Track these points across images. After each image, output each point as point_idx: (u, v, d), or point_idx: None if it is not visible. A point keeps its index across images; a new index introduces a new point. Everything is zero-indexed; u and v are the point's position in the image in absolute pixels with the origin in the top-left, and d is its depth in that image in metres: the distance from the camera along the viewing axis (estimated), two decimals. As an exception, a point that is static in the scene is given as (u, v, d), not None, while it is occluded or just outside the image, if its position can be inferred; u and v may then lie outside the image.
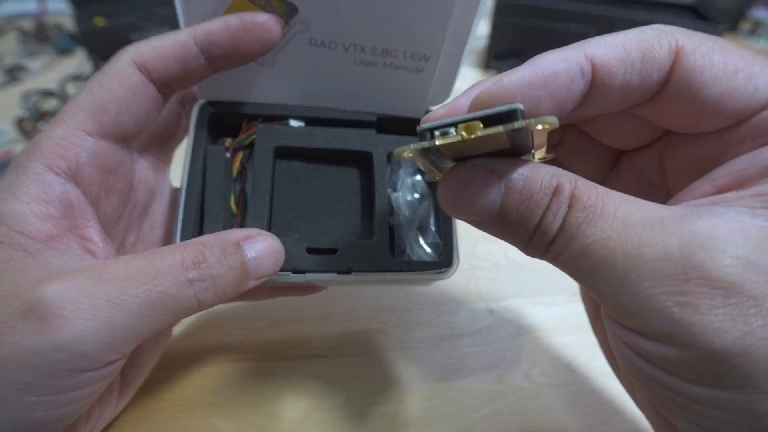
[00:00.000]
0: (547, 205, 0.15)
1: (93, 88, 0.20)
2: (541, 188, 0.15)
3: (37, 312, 0.16)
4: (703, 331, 0.13)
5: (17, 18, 0.67)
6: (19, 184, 0.19)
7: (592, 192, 0.15)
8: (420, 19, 0.21)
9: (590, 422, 0.28)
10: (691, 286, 0.13)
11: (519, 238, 0.16)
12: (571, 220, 0.14)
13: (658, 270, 0.13)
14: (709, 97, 0.15)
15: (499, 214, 0.15)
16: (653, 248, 0.13)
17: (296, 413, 0.27)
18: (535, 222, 0.15)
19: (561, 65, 0.15)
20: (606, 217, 0.14)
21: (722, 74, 0.15)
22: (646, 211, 0.14)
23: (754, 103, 0.15)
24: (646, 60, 0.15)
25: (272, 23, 0.21)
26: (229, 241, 0.20)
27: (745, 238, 0.13)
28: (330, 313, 0.32)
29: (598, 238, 0.14)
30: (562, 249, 0.15)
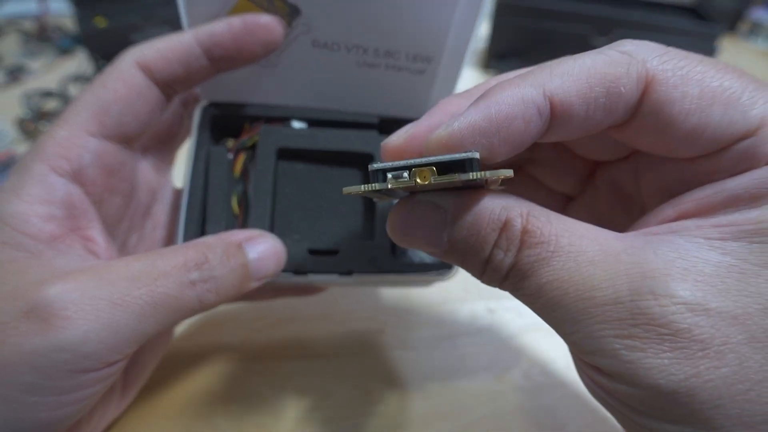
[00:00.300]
0: (494, 242, 0.15)
1: (96, 89, 0.20)
2: (489, 223, 0.15)
3: (39, 312, 0.17)
4: (650, 373, 0.13)
5: (18, 18, 0.67)
6: (22, 185, 0.19)
7: (545, 226, 0.14)
8: (422, 21, 0.21)
9: (589, 421, 0.28)
10: (638, 331, 0.13)
11: (471, 271, 0.16)
12: (524, 258, 0.14)
13: (608, 314, 0.13)
14: (681, 130, 0.14)
15: (447, 249, 0.15)
16: (604, 291, 0.13)
17: (297, 413, 0.27)
18: (484, 257, 0.15)
19: (516, 108, 0.14)
20: (559, 255, 0.14)
21: (695, 107, 0.14)
22: (601, 244, 0.14)
23: (729, 136, 0.14)
24: (611, 95, 0.14)
25: (275, 25, 0.21)
26: (231, 242, 0.20)
27: (698, 279, 0.13)
28: (330, 313, 0.32)
29: (550, 279, 0.14)
30: (517, 285, 0.15)
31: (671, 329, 0.13)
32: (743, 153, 0.14)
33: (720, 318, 0.13)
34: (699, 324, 0.12)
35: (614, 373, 0.13)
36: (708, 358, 0.12)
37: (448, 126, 0.14)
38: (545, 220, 0.14)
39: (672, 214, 0.15)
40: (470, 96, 0.18)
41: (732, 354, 0.12)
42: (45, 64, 0.58)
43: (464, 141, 0.14)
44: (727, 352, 0.12)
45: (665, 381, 0.13)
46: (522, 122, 0.14)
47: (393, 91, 0.24)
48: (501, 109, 0.14)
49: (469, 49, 0.23)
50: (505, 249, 0.14)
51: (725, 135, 0.14)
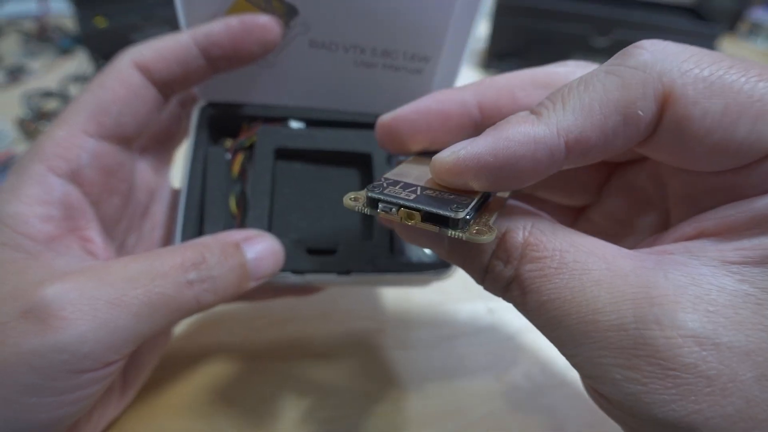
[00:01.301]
0: (493, 252, 0.14)
1: (94, 89, 0.20)
2: None
3: (38, 313, 0.17)
4: (650, 407, 0.12)
5: (18, 19, 0.67)
6: (20, 185, 0.19)
7: (549, 240, 0.14)
8: (420, 21, 0.21)
9: (589, 422, 0.28)
10: (641, 363, 0.12)
11: (473, 277, 0.16)
12: (525, 272, 0.14)
13: (611, 340, 0.12)
14: (702, 147, 0.13)
15: (447, 256, 0.15)
16: (608, 316, 0.12)
17: (297, 412, 0.27)
18: (483, 266, 0.15)
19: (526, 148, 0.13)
20: (563, 272, 0.13)
21: (719, 122, 0.12)
22: (608, 263, 0.13)
23: (757, 152, 0.13)
24: (629, 122, 0.13)
25: (272, 25, 0.21)
26: (229, 242, 0.20)
27: (710, 309, 0.12)
28: (330, 313, 0.32)
29: (552, 297, 0.13)
30: (518, 300, 0.14)
31: (676, 364, 0.12)
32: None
33: (730, 353, 0.12)
34: (706, 359, 0.12)
35: (614, 400, 0.13)
36: (713, 396, 0.12)
37: (454, 153, 0.13)
38: (550, 233, 0.14)
39: (691, 232, 0.14)
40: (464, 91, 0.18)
41: (739, 392, 0.12)
42: (45, 64, 0.58)
43: (466, 171, 0.13)
44: (734, 389, 0.12)
45: (664, 415, 0.12)
46: (530, 162, 0.13)
47: (391, 90, 0.24)
48: (509, 146, 0.13)
49: (467, 48, 0.23)
50: (505, 260, 0.14)
51: (752, 151, 0.13)
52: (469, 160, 0.13)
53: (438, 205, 0.14)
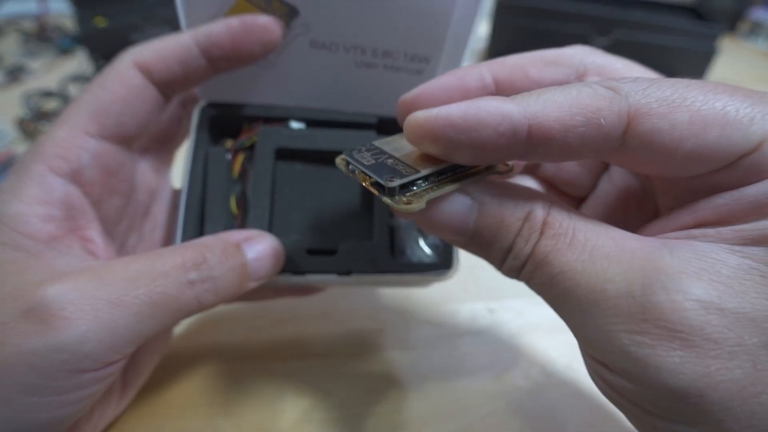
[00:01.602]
0: (518, 230, 0.15)
1: (95, 89, 0.20)
2: (514, 213, 0.15)
3: (38, 313, 0.17)
4: (659, 371, 0.12)
5: (18, 18, 0.67)
6: (21, 185, 0.19)
7: (564, 220, 0.14)
8: (420, 21, 0.21)
9: (589, 421, 0.28)
10: (649, 326, 0.13)
11: (492, 259, 0.16)
12: (541, 247, 0.14)
13: (619, 307, 0.13)
14: (677, 156, 0.14)
15: (472, 235, 0.16)
16: (616, 284, 0.13)
17: (297, 412, 0.27)
18: (507, 246, 0.15)
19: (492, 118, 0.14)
20: (575, 248, 0.14)
21: (687, 132, 0.13)
22: (617, 242, 0.14)
23: (730, 155, 0.13)
24: (590, 126, 0.14)
25: (273, 25, 0.21)
26: (230, 243, 0.20)
27: (714, 279, 0.13)
28: (330, 313, 0.32)
29: (564, 269, 0.14)
30: (532, 275, 0.15)
31: (683, 326, 0.12)
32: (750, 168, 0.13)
33: (735, 319, 0.12)
34: (712, 323, 0.12)
35: (622, 370, 0.13)
36: (720, 359, 0.12)
37: (428, 111, 0.14)
38: (566, 214, 0.15)
39: (690, 221, 0.15)
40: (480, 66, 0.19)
41: (746, 356, 0.12)
42: (45, 64, 0.58)
43: (435, 128, 0.14)
44: (740, 353, 0.12)
45: (674, 380, 0.12)
46: (493, 134, 0.14)
47: (391, 91, 0.24)
48: (479, 114, 0.14)
49: (468, 49, 0.23)
50: (527, 238, 0.15)
51: (725, 154, 0.13)
52: (439, 119, 0.14)
53: (381, 173, 0.15)
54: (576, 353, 0.31)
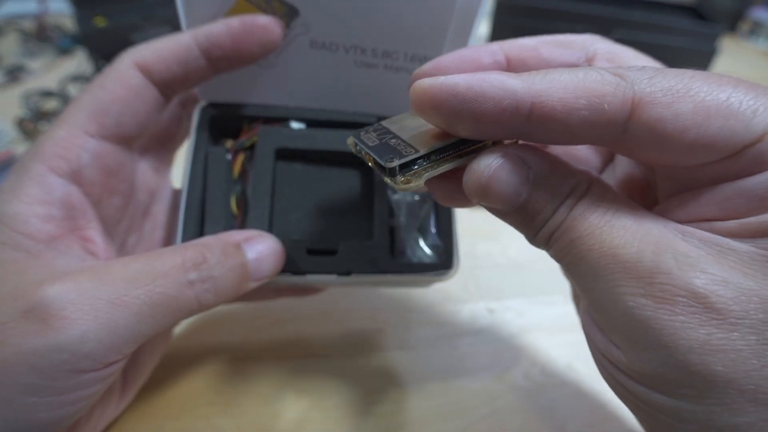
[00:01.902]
0: (562, 200, 0.15)
1: (95, 89, 0.20)
2: (564, 181, 0.15)
3: (38, 313, 0.17)
4: (660, 334, 0.13)
5: (18, 18, 0.67)
6: (21, 185, 0.19)
7: (600, 192, 0.15)
8: (421, 21, 0.21)
9: (590, 422, 0.28)
10: (654, 289, 0.13)
11: (531, 229, 0.16)
12: (574, 212, 0.15)
13: (628, 270, 0.13)
14: (679, 145, 0.14)
15: (521, 205, 0.15)
16: (628, 250, 0.14)
17: (297, 412, 0.27)
18: (550, 214, 0.15)
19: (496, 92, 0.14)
20: (597, 215, 0.14)
21: (690, 122, 0.13)
22: (637, 218, 0.14)
23: (733, 146, 0.13)
24: (593, 110, 0.14)
25: (273, 25, 0.21)
26: (230, 243, 0.20)
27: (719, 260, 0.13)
28: (330, 313, 0.32)
29: (582, 233, 0.14)
30: (557, 238, 0.15)
31: (689, 291, 0.12)
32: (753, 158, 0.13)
33: (741, 293, 0.12)
34: (718, 292, 0.12)
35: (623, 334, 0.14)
36: (723, 329, 0.12)
37: (436, 79, 0.14)
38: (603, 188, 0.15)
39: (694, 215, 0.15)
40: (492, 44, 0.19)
41: (750, 329, 0.12)
42: (45, 64, 0.58)
43: (439, 96, 0.14)
44: (745, 326, 0.12)
45: (676, 345, 0.12)
46: (496, 107, 0.14)
47: (391, 91, 0.24)
48: (483, 86, 0.14)
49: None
50: (570, 206, 0.15)
51: (728, 145, 0.13)
52: (444, 87, 0.14)
53: (382, 154, 0.16)
54: (576, 353, 0.31)
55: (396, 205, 0.25)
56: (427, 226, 0.25)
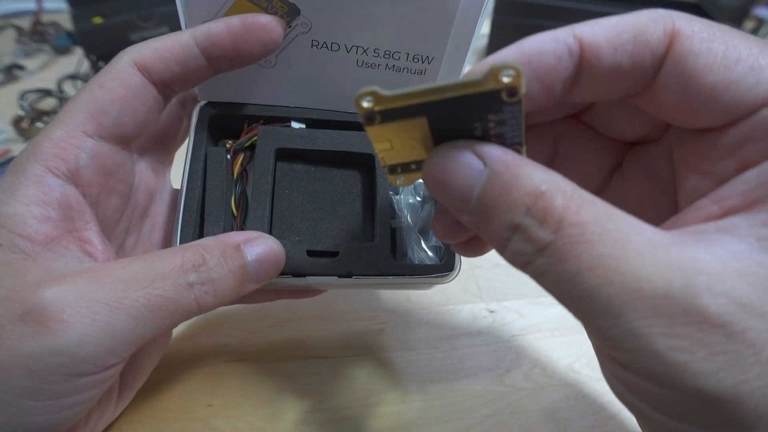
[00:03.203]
0: (527, 207, 0.13)
1: (93, 89, 0.20)
2: (528, 184, 0.13)
3: (36, 316, 0.16)
4: (697, 378, 0.12)
5: (15, 17, 0.66)
6: (18, 185, 0.19)
7: (590, 207, 0.13)
8: (423, 21, 0.21)
9: (590, 423, 0.28)
10: (690, 330, 0.12)
11: (493, 236, 0.14)
12: (564, 237, 0.13)
13: (657, 308, 0.12)
14: (703, 85, 0.14)
15: (475, 203, 0.14)
16: (653, 284, 0.12)
17: (296, 414, 0.27)
18: (510, 222, 0.13)
19: (548, 45, 0.14)
20: (605, 241, 0.13)
21: (720, 62, 0.14)
22: (648, 236, 0.13)
23: (753, 96, 0.13)
24: (638, 42, 0.14)
25: (274, 24, 0.21)
26: (230, 244, 0.20)
27: (751, 282, 0.12)
28: (330, 314, 0.32)
29: (593, 264, 0.12)
30: (547, 268, 0.13)
31: (726, 331, 0.12)
32: None
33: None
34: (753, 327, 0.12)
35: (654, 374, 0.12)
36: (758, 365, 0.12)
37: (484, 62, 0.15)
38: (590, 201, 0.13)
39: (716, 211, 0.14)
40: None
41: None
42: (42, 63, 0.58)
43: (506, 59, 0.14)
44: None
45: (712, 387, 0.12)
46: (553, 57, 0.14)
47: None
48: (534, 44, 0.14)
49: (471, 48, 0.23)
50: (541, 220, 0.13)
51: (748, 97, 0.14)
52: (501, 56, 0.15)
53: None
54: (577, 354, 0.31)
55: (397, 206, 0.25)
56: (428, 227, 0.25)
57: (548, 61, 0.14)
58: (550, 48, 0.14)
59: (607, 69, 0.15)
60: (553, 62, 0.14)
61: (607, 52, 0.14)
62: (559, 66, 0.15)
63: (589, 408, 0.28)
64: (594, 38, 0.14)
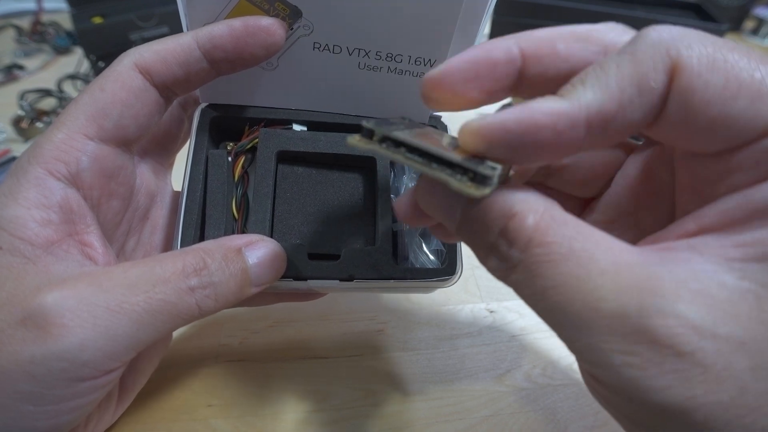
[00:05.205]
0: (501, 229, 0.14)
1: (94, 91, 0.20)
2: (498, 210, 0.14)
3: (36, 320, 0.16)
4: (648, 391, 0.13)
5: (15, 17, 0.66)
6: (19, 188, 0.19)
7: (559, 227, 0.14)
8: (426, 24, 0.21)
9: (591, 423, 0.28)
10: (642, 349, 0.12)
11: (477, 253, 0.16)
12: (532, 256, 0.14)
13: (612, 327, 0.13)
14: (703, 119, 0.14)
15: (458, 224, 0.15)
16: (611, 304, 0.13)
17: (296, 414, 0.27)
18: (489, 243, 0.14)
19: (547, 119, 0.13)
20: (569, 259, 0.13)
21: (717, 97, 0.13)
22: (615, 255, 0.13)
23: (752, 130, 0.13)
24: (643, 93, 0.14)
25: (276, 27, 0.21)
26: (231, 248, 0.20)
27: (709, 303, 0.13)
28: (330, 314, 0.32)
29: (557, 283, 0.13)
30: (520, 284, 0.14)
31: (675, 351, 0.12)
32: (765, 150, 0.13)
33: (726, 343, 0.12)
34: (703, 348, 0.12)
35: (613, 386, 0.13)
36: (707, 383, 0.12)
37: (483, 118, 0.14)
38: (561, 221, 0.14)
39: (693, 228, 0.15)
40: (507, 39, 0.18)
41: (732, 380, 0.12)
42: (43, 62, 0.58)
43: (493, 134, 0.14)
44: (728, 378, 0.12)
45: (660, 400, 0.12)
46: (551, 132, 0.13)
47: (395, 94, 0.24)
48: (533, 115, 0.13)
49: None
50: (511, 241, 0.14)
51: (748, 128, 0.13)
52: (495, 124, 0.14)
53: None
54: (578, 356, 0.31)
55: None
56: (429, 231, 0.25)
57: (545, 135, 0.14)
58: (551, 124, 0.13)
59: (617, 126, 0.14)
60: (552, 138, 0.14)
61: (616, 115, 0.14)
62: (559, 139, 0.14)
63: (589, 408, 0.28)
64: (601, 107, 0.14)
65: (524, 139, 0.14)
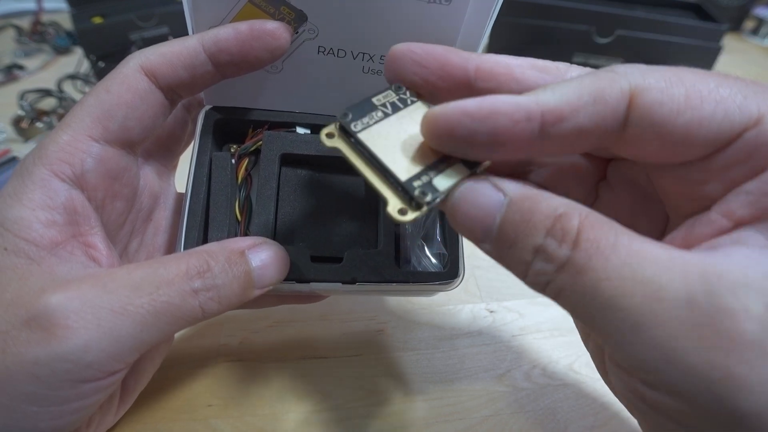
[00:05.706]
0: (548, 228, 0.14)
1: (100, 93, 0.20)
2: (546, 209, 0.14)
3: (41, 321, 0.16)
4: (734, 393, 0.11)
5: (16, 17, 0.66)
6: (24, 189, 0.19)
7: (605, 224, 0.14)
8: (430, 29, 0.21)
9: (591, 423, 0.28)
10: (722, 341, 0.11)
11: (516, 262, 0.15)
12: (582, 251, 0.13)
13: (681, 319, 0.12)
14: (677, 128, 0.14)
15: (498, 233, 0.15)
16: (674, 292, 0.12)
17: (296, 414, 0.27)
18: (534, 245, 0.14)
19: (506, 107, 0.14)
20: (620, 252, 0.13)
21: (684, 105, 0.14)
22: (665, 248, 0.13)
23: (728, 131, 0.13)
24: (597, 103, 0.14)
25: (281, 31, 0.21)
26: (234, 250, 0.20)
27: None
28: (330, 314, 0.32)
29: (610, 275, 0.12)
30: (566, 284, 0.13)
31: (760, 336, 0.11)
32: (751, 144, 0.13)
33: None
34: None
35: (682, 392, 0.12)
36: None
37: (444, 105, 0.15)
38: (605, 219, 0.14)
39: (727, 224, 0.14)
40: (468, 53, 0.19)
41: None
42: (43, 62, 0.58)
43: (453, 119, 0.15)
44: None
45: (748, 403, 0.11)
46: (509, 120, 0.14)
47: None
48: (495, 104, 0.14)
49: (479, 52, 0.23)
50: (560, 238, 0.13)
51: (722, 130, 0.13)
52: (456, 110, 0.15)
53: None
54: (577, 354, 0.31)
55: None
56: (432, 234, 0.25)
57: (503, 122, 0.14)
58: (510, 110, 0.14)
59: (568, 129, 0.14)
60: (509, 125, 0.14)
61: (569, 115, 0.14)
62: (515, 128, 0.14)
63: (589, 408, 0.28)
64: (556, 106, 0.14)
65: (484, 125, 0.14)
